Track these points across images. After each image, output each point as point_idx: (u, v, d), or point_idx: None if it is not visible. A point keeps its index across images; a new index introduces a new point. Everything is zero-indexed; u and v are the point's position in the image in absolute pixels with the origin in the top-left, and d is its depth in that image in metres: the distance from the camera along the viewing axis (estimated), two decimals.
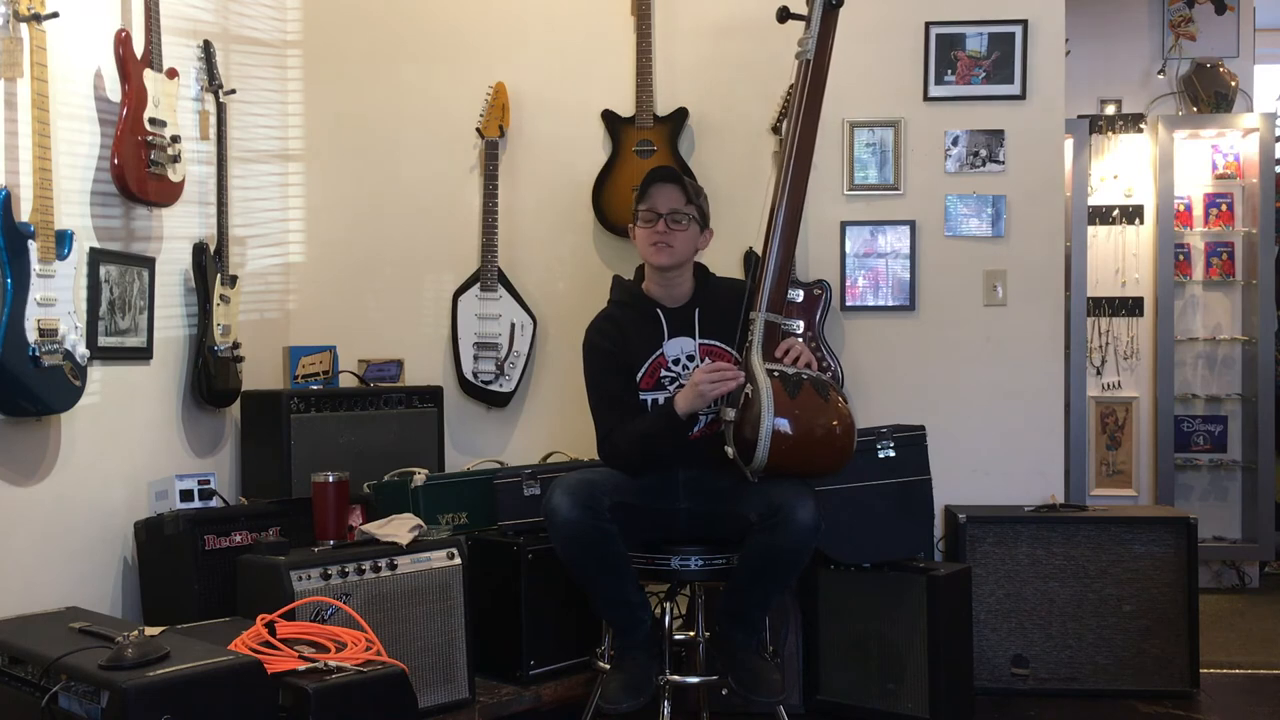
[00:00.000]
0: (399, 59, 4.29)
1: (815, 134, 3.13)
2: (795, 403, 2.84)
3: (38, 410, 2.85)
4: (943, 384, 4.13)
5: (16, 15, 2.72)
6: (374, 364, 4.19)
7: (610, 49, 4.18)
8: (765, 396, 2.83)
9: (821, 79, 3.12)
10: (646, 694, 2.94)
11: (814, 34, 3.11)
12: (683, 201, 3.14)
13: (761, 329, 3.01)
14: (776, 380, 2.87)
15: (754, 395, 2.87)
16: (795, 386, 2.86)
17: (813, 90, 3.10)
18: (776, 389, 2.85)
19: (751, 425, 2.85)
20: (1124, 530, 3.80)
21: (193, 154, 3.53)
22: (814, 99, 3.11)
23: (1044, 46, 4.11)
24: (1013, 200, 4.12)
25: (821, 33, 3.12)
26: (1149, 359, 5.48)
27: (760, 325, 3.01)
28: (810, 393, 2.87)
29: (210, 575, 3.13)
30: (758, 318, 3.02)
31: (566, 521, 2.87)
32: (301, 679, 2.37)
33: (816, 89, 3.11)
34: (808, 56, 3.12)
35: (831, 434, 2.88)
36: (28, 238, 2.74)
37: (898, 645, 3.47)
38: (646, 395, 3.13)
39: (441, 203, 4.27)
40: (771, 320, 3.03)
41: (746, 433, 2.88)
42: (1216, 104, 5.45)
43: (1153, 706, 3.67)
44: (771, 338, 3.02)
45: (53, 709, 2.26)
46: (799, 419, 2.84)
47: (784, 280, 3.06)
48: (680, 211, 3.13)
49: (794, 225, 3.10)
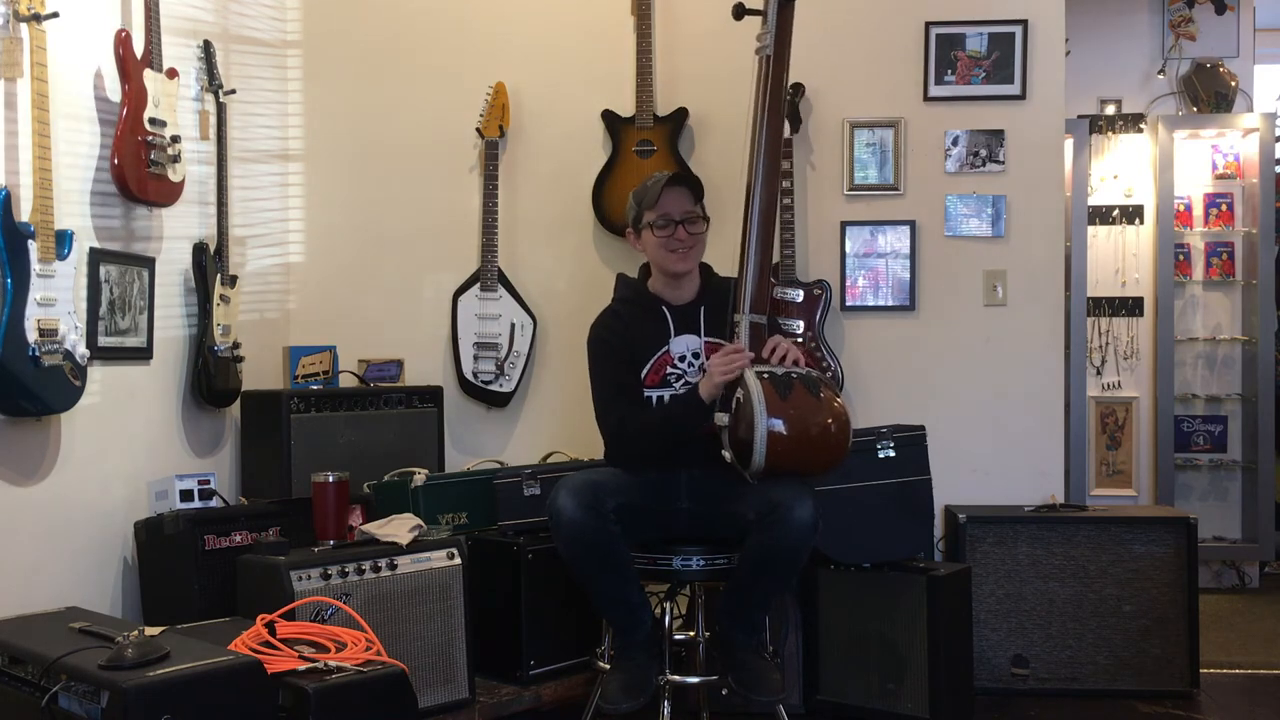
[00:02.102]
0: (399, 59, 4.29)
1: (782, 129, 3.11)
2: (788, 403, 2.83)
3: (38, 410, 2.84)
4: (943, 384, 4.13)
5: (16, 15, 2.72)
6: (374, 364, 4.19)
7: (610, 49, 4.18)
8: (756, 400, 2.82)
9: (781, 73, 3.10)
10: (646, 694, 2.94)
11: (772, 29, 3.09)
12: (693, 203, 3.16)
13: (746, 331, 3.01)
14: (766, 382, 2.86)
15: (745, 399, 2.86)
16: (786, 387, 2.85)
17: (775, 85, 3.09)
18: (767, 391, 2.83)
19: (746, 429, 2.85)
20: (1124, 530, 3.80)
21: (193, 154, 3.52)
22: (776, 94, 3.09)
23: (1044, 46, 4.11)
24: (1013, 200, 4.12)
25: (779, 26, 3.09)
26: (1149, 359, 5.48)
27: (745, 327, 3.01)
28: (802, 392, 2.86)
29: (210, 575, 3.13)
30: (741, 320, 3.03)
31: (571, 522, 2.87)
32: (301, 679, 2.37)
33: (778, 84, 3.09)
34: (767, 52, 3.10)
35: (826, 432, 2.87)
36: (28, 238, 2.74)
37: (898, 645, 3.47)
38: (651, 392, 3.13)
39: (441, 203, 4.27)
40: (756, 321, 3.02)
41: (741, 436, 2.87)
42: (1216, 104, 5.46)
43: (1153, 706, 3.67)
44: (757, 339, 3.01)
45: (53, 709, 2.26)
46: (793, 419, 2.83)
47: (764, 280, 3.05)
48: (694, 214, 3.14)
49: (770, 224, 3.09)
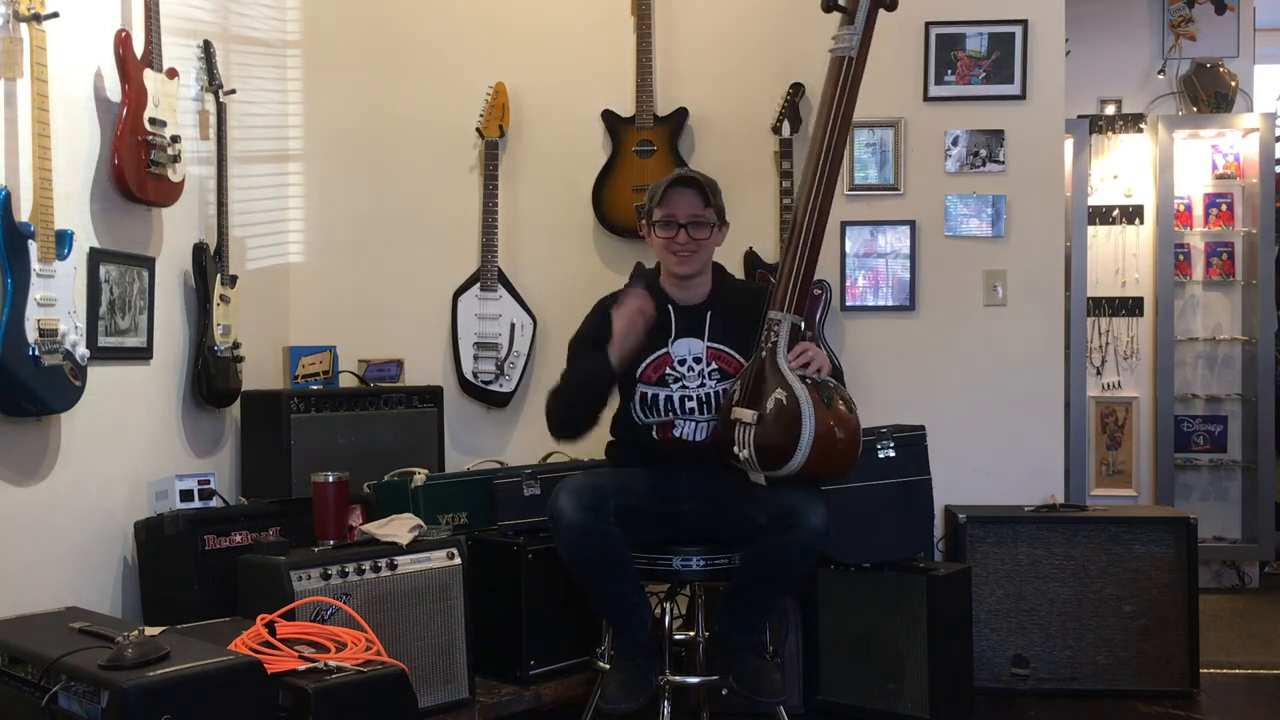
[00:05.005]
0: (399, 59, 4.29)
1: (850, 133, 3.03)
2: (830, 411, 2.80)
3: (38, 410, 2.84)
4: (943, 384, 4.13)
5: (16, 15, 2.72)
6: (374, 364, 4.19)
7: (610, 49, 4.18)
8: (805, 404, 2.78)
9: (861, 76, 3.03)
10: (646, 694, 2.94)
11: (859, 29, 3.01)
12: (701, 206, 3.11)
13: (787, 330, 2.95)
14: (812, 388, 2.82)
15: (788, 401, 2.81)
16: (826, 394, 2.83)
17: (854, 88, 3.02)
18: (815, 398, 2.80)
19: (784, 432, 2.80)
20: (1124, 530, 3.80)
21: (193, 154, 3.52)
22: (854, 97, 3.03)
23: (1044, 46, 4.11)
24: (1013, 200, 4.12)
25: (865, 30, 3.02)
26: (1149, 359, 5.48)
27: (786, 327, 2.95)
28: (835, 401, 2.84)
29: (210, 575, 3.13)
30: (784, 319, 2.96)
31: (571, 524, 2.87)
32: (301, 679, 2.37)
33: (857, 86, 3.02)
34: (850, 53, 3.02)
35: (847, 442, 2.84)
36: (28, 238, 2.74)
37: (898, 645, 3.47)
38: (648, 389, 3.12)
39: (441, 203, 4.27)
40: (795, 322, 2.97)
41: (774, 438, 2.83)
42: (1216, 104, 5.45)
43: (1153, 706, 3.67)
44: (795, 340, 2.96)
45: (53, 709, 2.26)
46: (831, 428, 2.80)
47: (809, 284, 3.01)
48: (700, 217, 3.10)
49: (823, 225, 3.02)
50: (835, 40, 3.06)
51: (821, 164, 3.02)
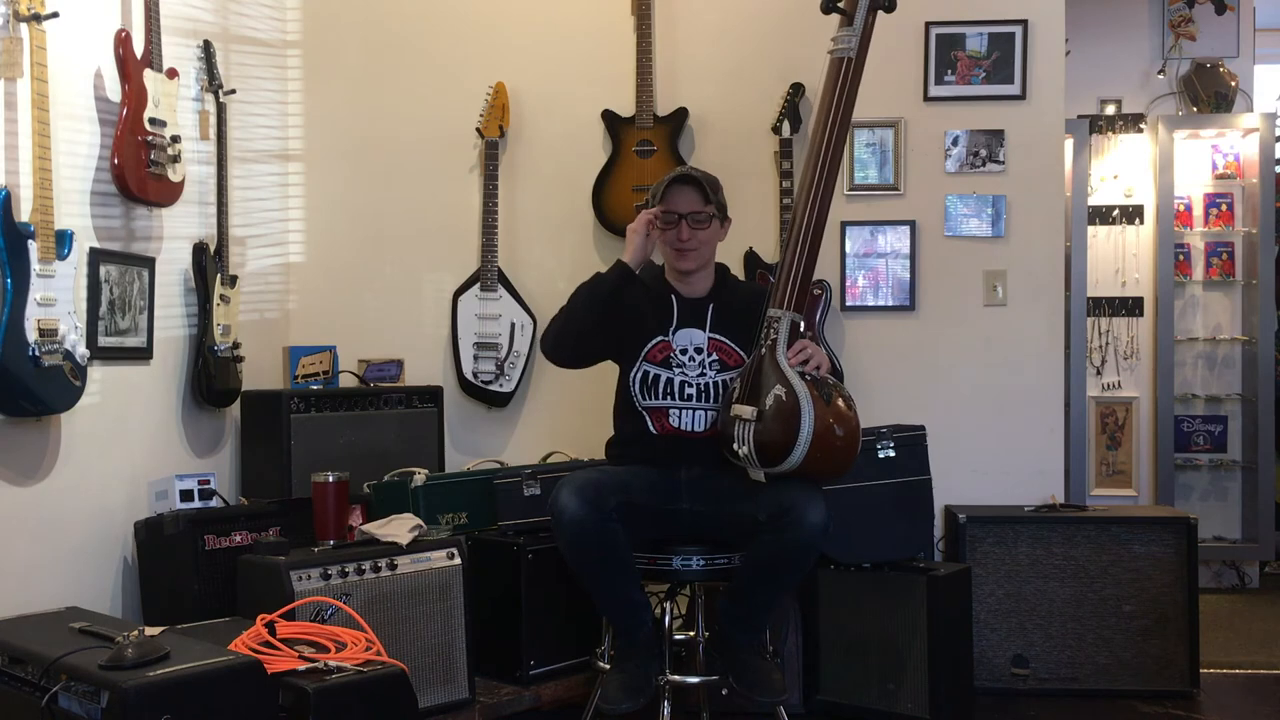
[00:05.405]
0: (399, 59, 4.29)
1: (849, 133, 3.05)
2: (829, 409, 2.82)
3: (38, 410, 2.85)
4: (943, 384, 4.13)
5: (16, 15, 2.72)
6: (374, 364, 4.19)
7: (610, 49, 4.18)
8: (805, 401, 2.79)
9: (860, 77, 3.06)
10: (646, 694, 2.94)
11: (858, 31, 3.04)
12: (702, 202, 3.13)
13: (786, 328, 2.96)
14: (810, 385, 2.84)
15: (787, 397, 2.83)
16: (825, 391, 2.84)
17: (853, 88, 3.04)
18: (814, 395, 2.81)
19: (783, 428, 2.81)
20: (1124, 530, 3.80)
21: (193, 154, 3.53)
22: (853, 97, 3.05)
23: (1044, 46, 4.11)
24: (1013, 200, 4.12)
25: (864, 31, 3.05)
26: (1149, 359, 5.48)
27: (785, 324, 2.97)
28: (834, 399, 2.85)
29: (210, 575, 3.13)
30: (783, 316, 2.97)
31: (573, 521, 2.86)
32: (301, 679, 2.37)
33: (856, 87, 3.05)
34: (849, 54, 3.04)
35: (846, 440, 2.86)
36: (28, 238, 2.74)
37: (898, 645, 3.47)
38: (650, 368, 3.12)
39: (441, 202, 4.27)
40: (795, 320, 2.99)
41: (773, 434, 2.84)
42: (1216, 104, 5.45)
43: (1153, 706, 3.67)
44: (794, 338, 2.98)
45: (53, 709, 2.26)
46: (830, 426, 2.81)
47: (809, 282, 3.02)
48: (701, 213, 3.13)
49: (823, 224, 3.04)
50: (834, 41, 3.08)
51: (821, 164, 3.03)
